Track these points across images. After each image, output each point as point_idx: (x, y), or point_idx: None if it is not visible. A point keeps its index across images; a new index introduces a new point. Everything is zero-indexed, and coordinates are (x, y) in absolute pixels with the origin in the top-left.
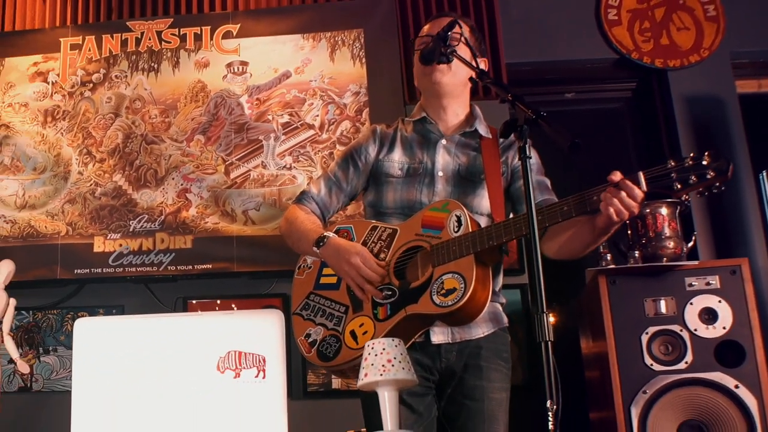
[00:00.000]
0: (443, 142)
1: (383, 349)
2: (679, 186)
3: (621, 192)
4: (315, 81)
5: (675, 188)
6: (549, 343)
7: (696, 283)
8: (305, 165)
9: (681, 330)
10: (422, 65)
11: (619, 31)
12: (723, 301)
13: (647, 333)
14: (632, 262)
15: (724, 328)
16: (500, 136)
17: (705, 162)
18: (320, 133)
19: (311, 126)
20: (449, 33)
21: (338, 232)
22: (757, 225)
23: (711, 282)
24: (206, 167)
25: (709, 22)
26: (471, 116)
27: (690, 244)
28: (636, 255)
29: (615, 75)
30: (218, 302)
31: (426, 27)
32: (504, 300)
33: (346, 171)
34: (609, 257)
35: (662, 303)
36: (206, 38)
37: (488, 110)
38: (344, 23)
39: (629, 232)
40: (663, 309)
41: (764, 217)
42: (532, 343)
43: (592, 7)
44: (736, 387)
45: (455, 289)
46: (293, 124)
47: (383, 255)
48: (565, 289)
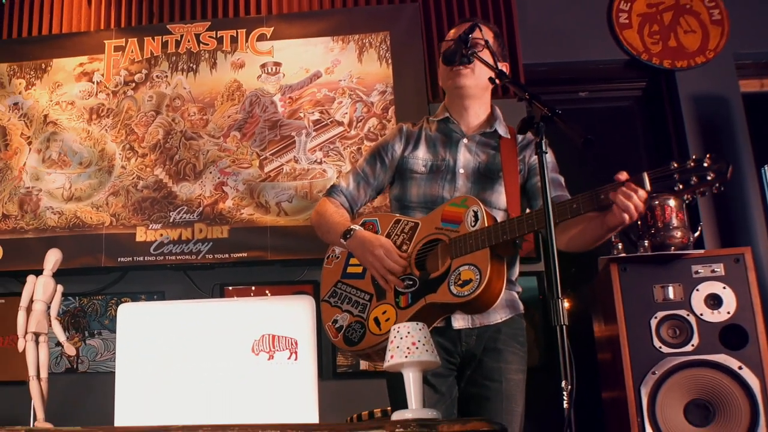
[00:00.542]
0: (465, 141)
1: (408, 333)
2: (681, 186)
3: (633, 196)
4: (344, 81)
5: (677, 189)
6: (564, 327)
7: (702, 271)
8: (335, 159)
9: (688, 314)
10: (445, 66)
11: (630, 34)
12: (727, 288)
13: (656, 317)
14: (642, 251)
15: (729, 313)
16: (518, 133)
17: (706, 164)
18: (349, 130)
19: (340, 123)
20: (470, 36)
21: (365, 225)
22: (759, 216)
23: (716, 269)
24: (242, 162)
25: (714, 26)
26: (492, 117)
27: (696, 234)
28: (645, 244)
29: (626, 75)
30: (253, 288)
31: (451, 32)
32: (520, 288)
33: (374, 167)
34: (620, 246)
35: (670, 289)
36: (242, 40)
37: (506, 108)
38: (371, 27)
39: (639, 223)
40: (671, 295)
41: (766, 209)
42: (548, 327)
43: (604, 11)
44: (740, 368)
45: (471, 280)
46: (323, 121)
47: (405, 247)
48: (579, 276)
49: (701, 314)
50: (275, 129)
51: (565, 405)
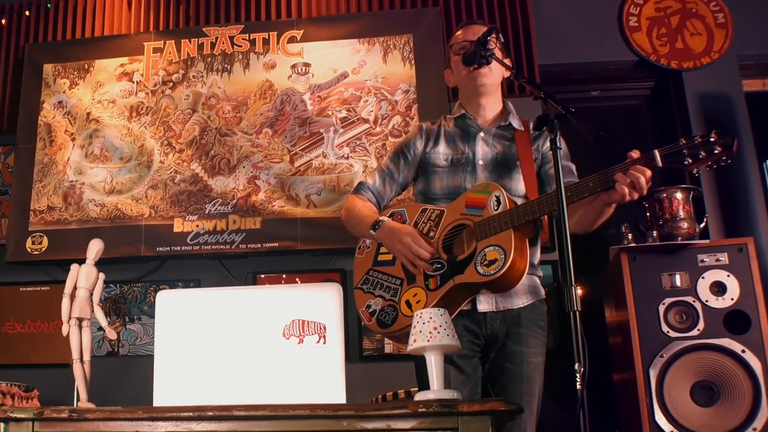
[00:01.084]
0: (481, 135)
1: (430, 318)
2: (690, 161)
3: (632, 174)
4: (370, 80)
5: (687, 163)
6: (577, 313)
7: (707, 260)
8: (361, 155)
9: (694, 301)
10: (465, 68)
11: (639, 36)
12: (731, 276)
13: (664, 303)
14: (651, 241)
15: (732, 300)
16: (534, 129)
17: (712, 139)
18: (374, 127)
19: (366, 120)
20: (488, 38)
21: (393, 216)
22: (762, 208)
23: (720, 258)
24: (273, 157)
25: (719, 28)
26: (504, 111)
27: (702, 225)
28: (654, 234)
29: (635, 75)
30: (284, 276)
31: (459, 33)
32: (541, 273)
33: (398, 164)
34: (630, 236)
35: (677, 277)
36: (273, 42)
37: (522, 106)
38: (395, 29)
39: (648, 215)
40: (678, 282)
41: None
42: (562, 313)
43: (615, 15)
44: (743, 351)
45: (496, 260)
46: (350, 119)
47: (432, 233)
48: (591, 265)
49: (706, 301)
50: (305, 126)
51: (578, 386)
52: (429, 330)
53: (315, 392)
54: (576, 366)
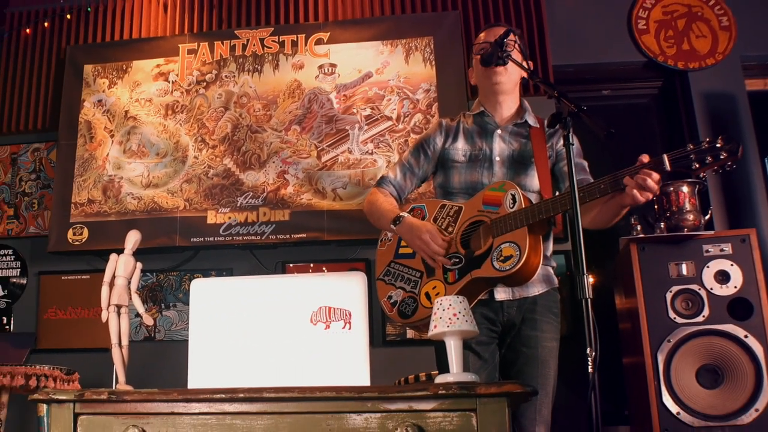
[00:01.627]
0: (498, 132)
1: (450, 305)
2: (697, 165)
3: (644, 180)
4: (392, 80)
5: (694, 167)
6: (588, 300)
7: (712, 250)
8: (384, 150)
9: (699, 289)
10: (483, 67)
11: (648, 38)
12: (734, 265)
13: (671, 291)
14: (658, 232)
15: (736, 287)
16: (548, 126)
17: (719, 145)
18: (397, 124)
19: (389, 118)
20: (505, 40)
21: (413, 211)
22: (764, 201)
23: (724, 249)
24: (301, 152)
25: (723, 31)
26: (521, 109)
27: (707, 217)
28: (662, 226)
29: (644, 75)
30: (311, 265)
31: (482, 35)
32: (554, 264)
33: (418, 158)
34: (639, 228)
35: (683, 266)
36: (301, 44)
37: (536, 104)
38: (417, 32)
39: (656, 207)
40: (684, 271)
41: None
42: (575, 300)
43: (625, 18)
44: (746, 337)
45: (512, 256)
46: (374, 116)
47: (451, 228)
48: (602, 255)
49: (711, 289)
50: (331, 123)
51: (590, 369)
52: (449, 316)
53: (341, 375)
54: (588, 351)
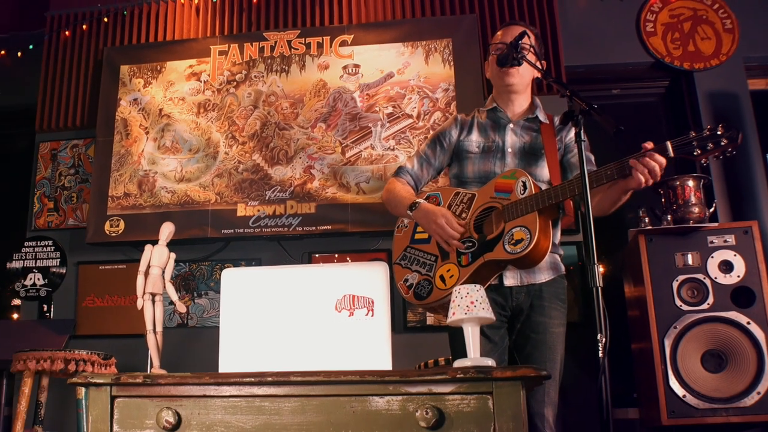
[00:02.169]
0: (511, 126)
1: (468, 293)
2: (699, 152)
3: (649, 162)
4: (413, 80)
5: (696, 154)
6: (599, 289)
7: (716, 241)
8: (405, 147)
9: (704, 278)
10: (497, 67)
11: (655, 40)
12: (737, 255)
13: (677, 280)
14: (665, 224)
15: (738, 277)
16: (560, 124)
17: (719, 132)
18: (417, 122)
19: (410, 116)
20: (520, 41)
21: (429, 198)
22: (765, 194)
23: (728, 240)
24: (327, 148)
25: (727, 33)
26: (532, 105)
27: (711, 210)
28: (668, 218)
29: (651, 75)
30: (336, 256)
31: (499, 33)
32: (562, 252)
33: (434, 150)
34: (647, 220)
35: (689, 256)
36: (326, 46)
37: (549, 103)
38: (436, 34)
39: (663, 200)
40: (690, 261)
41: None
42: (586, 289)
43: (633, 21)
44: (748, 323)
45: (523, 239)
46: (396, 114)
47: (465, 214)
48: (612, 246)
49: (715, 278)
50: (355, 121)
51: (600, 354)
52: (466, 304)
53: (364, 360)
54: (598, 336)
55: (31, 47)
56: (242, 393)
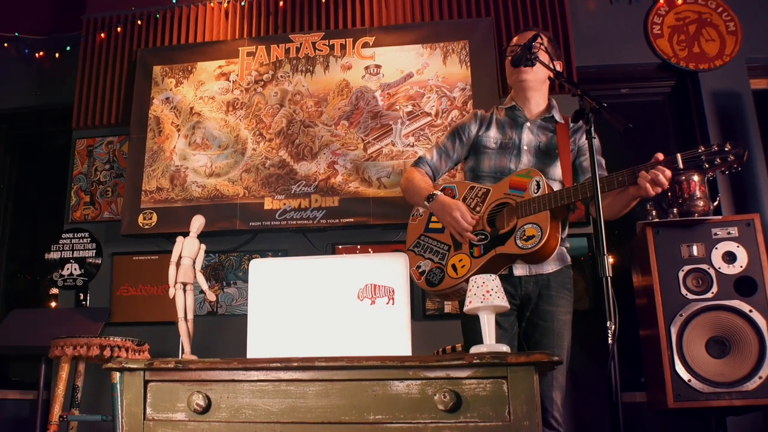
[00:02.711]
0: (528, 125)
1: (483, 283)
2: (707, 166)
3: (658, 175)
4: (432, 80)
5: (704, 167)
6: (608, 278)
7: (720, 233)
8: (424, 143)
9: (708, 268)
10: (512, 67)
11: (662, 42)
12: (740, 246)
13: (683, 270)
14: (671, 217)
15: (741, 267)
16: (572, 121)
17: (727, 148)
18: (435, 119)
19: (429, 114)
20: (533, 43)
21: (444, 190)
22: (767, 189)
23: (731, 232)
24: (349, 145)
25: (730, 35)
26: (549, 106)
27: (715, 203)
28: (674, 211)
29: (658, 75)
30: (358, 247)
31: (515, 38)
32: (568, 244)
33: (453, 143)
34: (654, 213)
35: (694, 248)
36: (349, 47)
37: (562, 101)
38: (454, 36)
39: (669, 194)
40: (695, 252)
41: None
42: (596, 278)
43: (641, 24)
44: (750, 311)
45: (534, 236)
46: (415, 113)
47: (479, 208)
48: (621, 238)
49: (719, 268)
50: (376, 119)
51: (610, 341)
52: (483, 293)
53: (385, 346)
54: (608, 324)
55: (69, 49)
56: (269, 377)
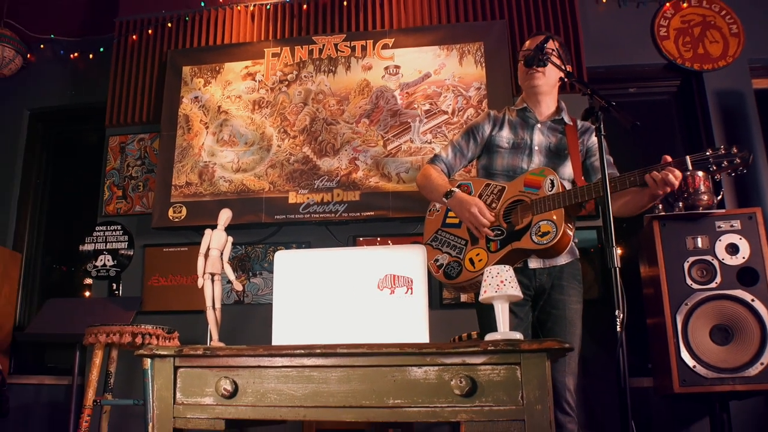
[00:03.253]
0: (538, 126)
1: (498, 273)
2: (714, 168)
3: (667, 175)
4: (448, 80)
5: (711, 169)
6: (617, 269)
7: (723, 226)
8: (441, 140)
9: (712, 259)
10: (524, 69)
11: (668, 44)
12: (743, 239)
13: (688, 261)
14: (677, 210)
15: (744, 258)
16: (581, 119)
17: (734, 152)
18: (452, 118)
19: (446, 112)
20: (545, 45)
21: (461, 186)
22: None
23: (734, 224)
24: (370, 142)
25: (733, 37)
26: (558, 108)
27: (719, 198)
28: (680, 205)
29: (664, 75)
30: (378, 239)
31: (527, 42)
32: (576, 239)
33: (468, 142)
34: (660, 207)
35: (699, 240)
36: (370, 49)
37: (572, 101)
38: (470, 38)
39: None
40: (699, 244)
41: None
42: (605, 269)
43: (648, 26)
44: (752, 300)
45: (549, 232)
46: (433, 111)
47: (495, 204)
48: (629, 230)
49: (723, 259)
50: (395, 117)
51: (618, 329)
52: (497, 283)
53: (403, 333)
54: (616, 313)
55: (102, 50)
56: (293, 364)
